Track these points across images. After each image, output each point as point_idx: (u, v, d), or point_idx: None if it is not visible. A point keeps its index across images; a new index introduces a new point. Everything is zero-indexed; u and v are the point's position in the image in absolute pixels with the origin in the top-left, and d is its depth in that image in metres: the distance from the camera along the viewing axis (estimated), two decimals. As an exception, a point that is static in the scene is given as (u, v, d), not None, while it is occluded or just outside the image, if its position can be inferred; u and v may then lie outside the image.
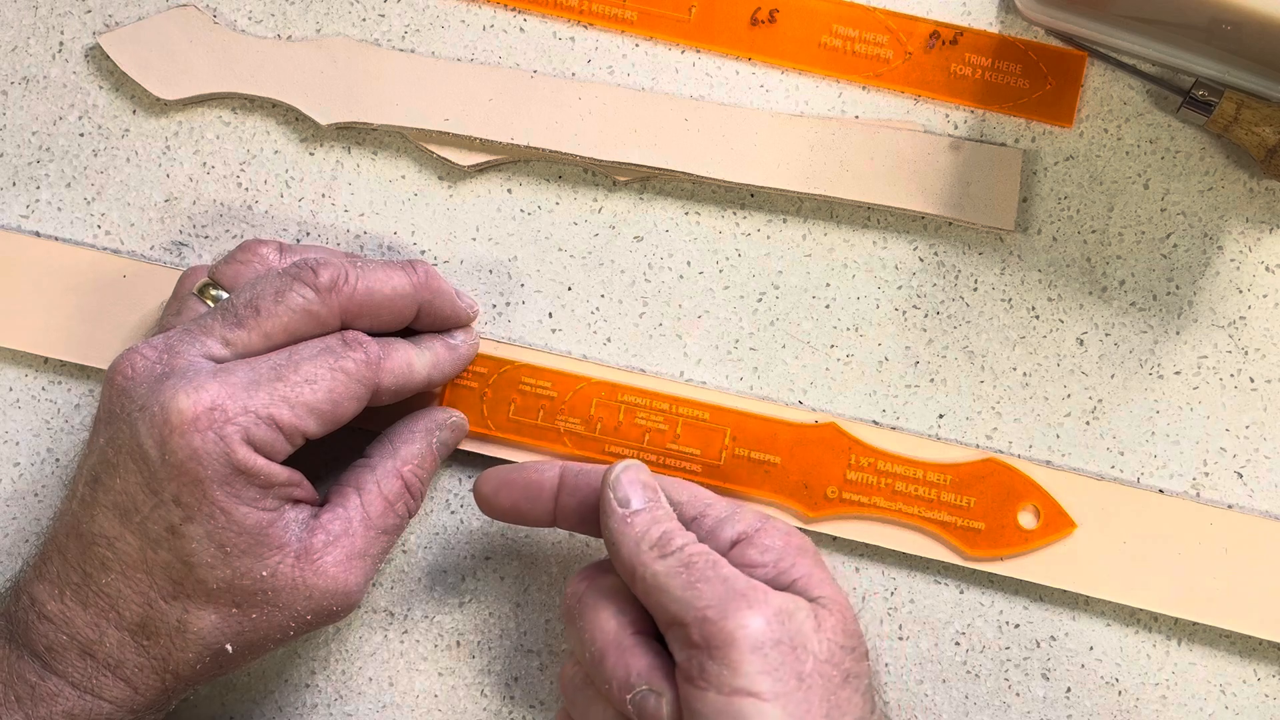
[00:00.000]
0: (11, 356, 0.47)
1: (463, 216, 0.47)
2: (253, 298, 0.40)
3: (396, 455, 0.43)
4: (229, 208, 0.47)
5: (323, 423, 0.40)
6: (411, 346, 0.43)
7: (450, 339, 0.44)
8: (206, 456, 0.37)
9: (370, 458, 0.43)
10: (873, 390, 0.47)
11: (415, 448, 0.43)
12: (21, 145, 0.47)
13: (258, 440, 0.38)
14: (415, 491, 0.43)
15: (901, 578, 0.46)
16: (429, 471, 0.43)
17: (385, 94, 0.46)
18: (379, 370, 0.41)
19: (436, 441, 0.43)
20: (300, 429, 0.39)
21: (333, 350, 0.40)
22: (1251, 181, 0.47)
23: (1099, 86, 0.47)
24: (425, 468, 0.43)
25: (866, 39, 0.47)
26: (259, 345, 0.40)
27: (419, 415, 0.44)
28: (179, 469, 0.37)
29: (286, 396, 0.39)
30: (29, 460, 0.47)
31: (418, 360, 0.42)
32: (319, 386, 0.39)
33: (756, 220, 0.47)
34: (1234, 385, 0.47)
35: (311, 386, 0.39)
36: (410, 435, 0.43)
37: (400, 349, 0.42)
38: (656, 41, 0.47)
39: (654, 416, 0.45)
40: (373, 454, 0.43)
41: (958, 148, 0.46)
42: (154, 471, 0.38)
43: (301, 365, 0.39)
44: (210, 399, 0.38)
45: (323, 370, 0.39)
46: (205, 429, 0.37)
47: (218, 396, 0.38)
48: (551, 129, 0.46)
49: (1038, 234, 0.47)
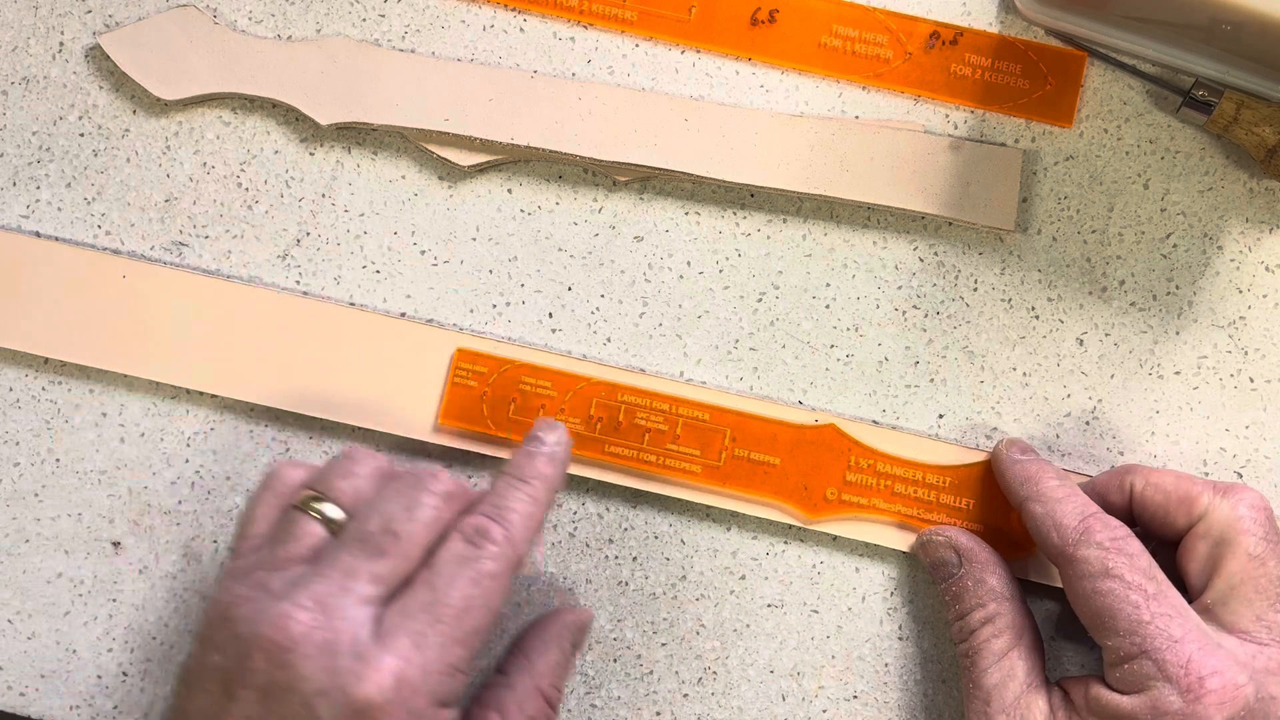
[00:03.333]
0: (11, 356, 0.47)
1: (463, 216, 0.47)
2: (386, 521, 0.39)
3: (533, 670, 0.42)
4: (229, 208, 0.47)
5: (490, 633, 0.39)
6: (514, 486, 0.41)
7: (537, 447, 0.42)
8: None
9: (507, 675, 0.42)
10: (873, 390, 0.47)
11: (551, 658, 0.43)
12: (21, 145, 0.47)
13: (444, 695, 0.38)
14: (555, 703, 0.43)
15: (901, 578, 0.46)
16: (565, 678, 0.44)
17: (385, 94, 0.46)
18: (516, 547, 0.40)
19: (570, 646, 0.44)
20: (473, 657, 0.38)
21: (469, 559, 0.39)
22: (1251, 181, 0.47)
23: (1099, 86, 0.47)
24: (562, 676, 0.43)
25: (866, 39, 0.47)
26: (404, 571, 0.39)
27: (549, 621, 0.44)
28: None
29: (455, 637, 0.38)
30: (29, 460, 0.47)
31: (534, 505, 0.41)
32: (475, 607, 0.38)
33: (756, 220, 0.47)
34: (1234, 385, 0.47)
35: (470, 613, 0.38)
36: (544, 646, 0.43)
37: (513, 503, 0.40)
38: (656, 41, 0.47)
39: (654, 416, 0.45)
40: (509, 671, 0.43)
41: (958, 148, 0.46)
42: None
43: (451, 593, 0.38)
44: (393, 677, 0.36)
45: (471, 589, 0.38)
46: (397, 710, 0.36)
47: (400, 670, 0.36)
48: (551, 129, 0.46)
49: (1038, 234, 0.47)
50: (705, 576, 0.46)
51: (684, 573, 0.46)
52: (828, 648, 0.46)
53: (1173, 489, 0.42)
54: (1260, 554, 0.40)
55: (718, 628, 0.46)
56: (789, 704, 0.46)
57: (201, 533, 0.46)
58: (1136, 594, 0.39)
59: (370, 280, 0.47)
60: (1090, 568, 0.40)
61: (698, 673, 0.46)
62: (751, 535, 0.46)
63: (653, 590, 0.46)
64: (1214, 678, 0.38)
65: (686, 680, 0.46)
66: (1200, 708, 0.38)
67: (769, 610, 0.46)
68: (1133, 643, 0.39)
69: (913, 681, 0.46)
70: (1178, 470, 0.44)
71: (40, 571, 0.46)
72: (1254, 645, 0.40)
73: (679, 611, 0.46)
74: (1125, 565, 0.40)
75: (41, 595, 0.46)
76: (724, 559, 0.46)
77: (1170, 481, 0.42)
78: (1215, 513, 0.41)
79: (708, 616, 0.46)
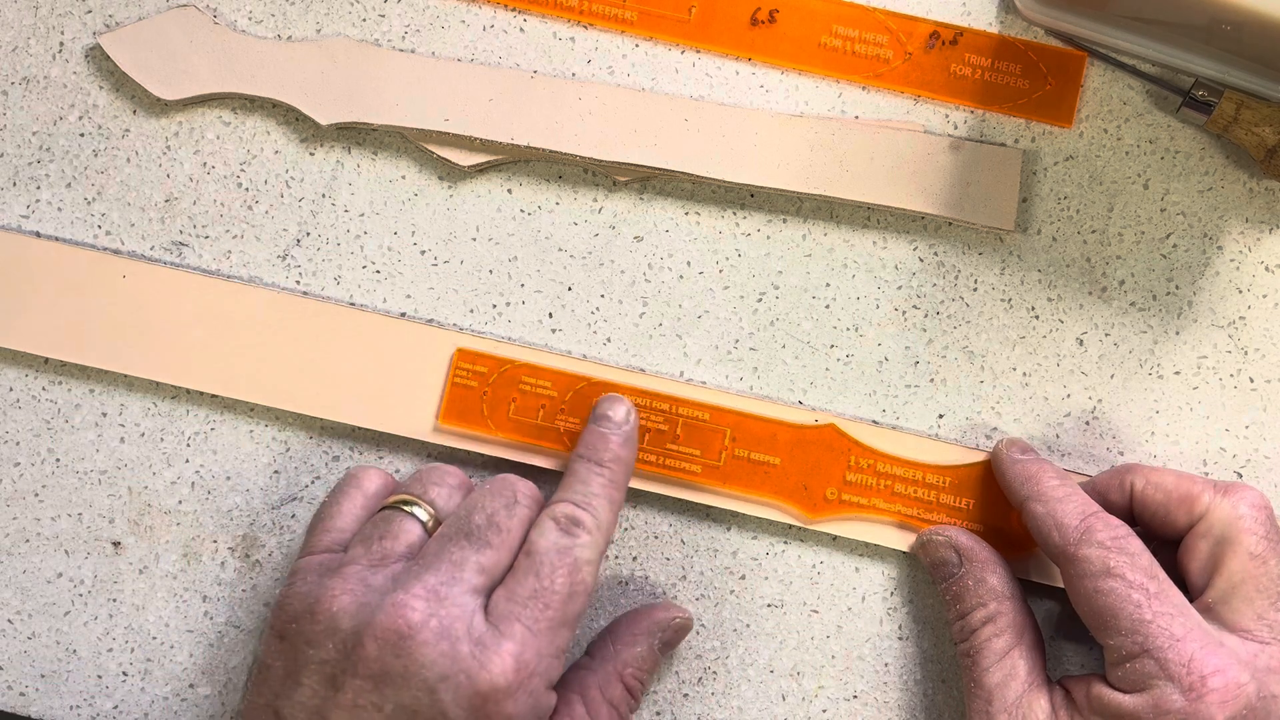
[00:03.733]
0: (11, 356, 0.47)
1: (463, 216, 0.47)
2: (490, 516, 0.41)
3: (618, 658, 0.43)
4: (229, 208, 0.47)
5: (585, 615, 0.41)
6: (594, 473, 0.43)
7: (611, 428, 0.44)
8: (520, 716, 0.38)
9: (592, 658, 0.44)
10: (873, 390, 0.47)
11: (637, 650, 0.44)
12: (22, 145, 0.47)
13: (552, 677, 0.39)
14: (636, 694, 0.43)
15: (901, 578, 0.46)
16: (650, 673, 0.44)
17: (385, 94, 0.46)
18: (605, 532, 0.41)
19: (659, 643, 0.44)
20: (572, 640, 0.40)
21: (566, 548, 0.40)
22: (1251, 181, 0.47)
23: (1099, 86, 0.47)
24: (646, 670, 0.44)
25: (866, 39, 0.47)
26: (506, 561, 0.40)
27: (642, 615, 0.45)
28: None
29: (561, 620, 0.39)
30: (29, 460, 0.47)
31: (615, 490, 0.43)
32: (577, 593, 0.40)
33: (756, 220, 0.47)
34: (1234, 385, 0.47)
35: (573, 598, 0.40)
36: (632, 638, 0.44)
37: (596, 489, 0.42)
38: (656, 41, 0.47)
39: (654, 416, 0.45)
40: (595, 655, 0.44)
41: (958, 148, 0.46)
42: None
43: (555, 580, 0.40)
44: (514, 661, 0.38)
45: (572, 576, 0.40)
46: (518, 693, 0.38)
47: (519, 654, 0.38)
48: (551, 129, 0.46)
49: (1037, 234, 0.47)
50: (705, 576, 0.46)
51: (684, 573, 0.46)
52: (828, 648, 0.46)
53: (1173, 488, 0.42)
54: (1261, 553, 0.40)
55: (718, 628, 0.46)
56: (789, 704, 0.46)
57: (201, 533, 0.46)
58: (1138, 593, 0.39)
59: (370, 280, 0.47)
60: (1092, 567, 0.40)
61: (698, 673, 0.46)
62: (751, 535, 0.46)
63: (653, 590, 0.46)
64: (1216, 676, 0.38)
65: (686, 680, 0.46)
66: (1202, 706, 0.38)
67: (769, 610, 0.46)
68: (1134, 642, 0.39)
69: (913, 681, 0.46)
70: (1178, 470, 0.44)
71: (40, 571, 0.46)
72: (1255, 644, 0.40)
73: (679, 611, 0.46)
74: (1127, 564, 0.40)
75: (41, 595, 0.46)
76: (724, 559, 0.46)
77: (1171, 481, 0.42)
78: (1216, 512, 0.41)
79: (708, 616, 0.46)
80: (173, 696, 0.46)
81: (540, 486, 0.45)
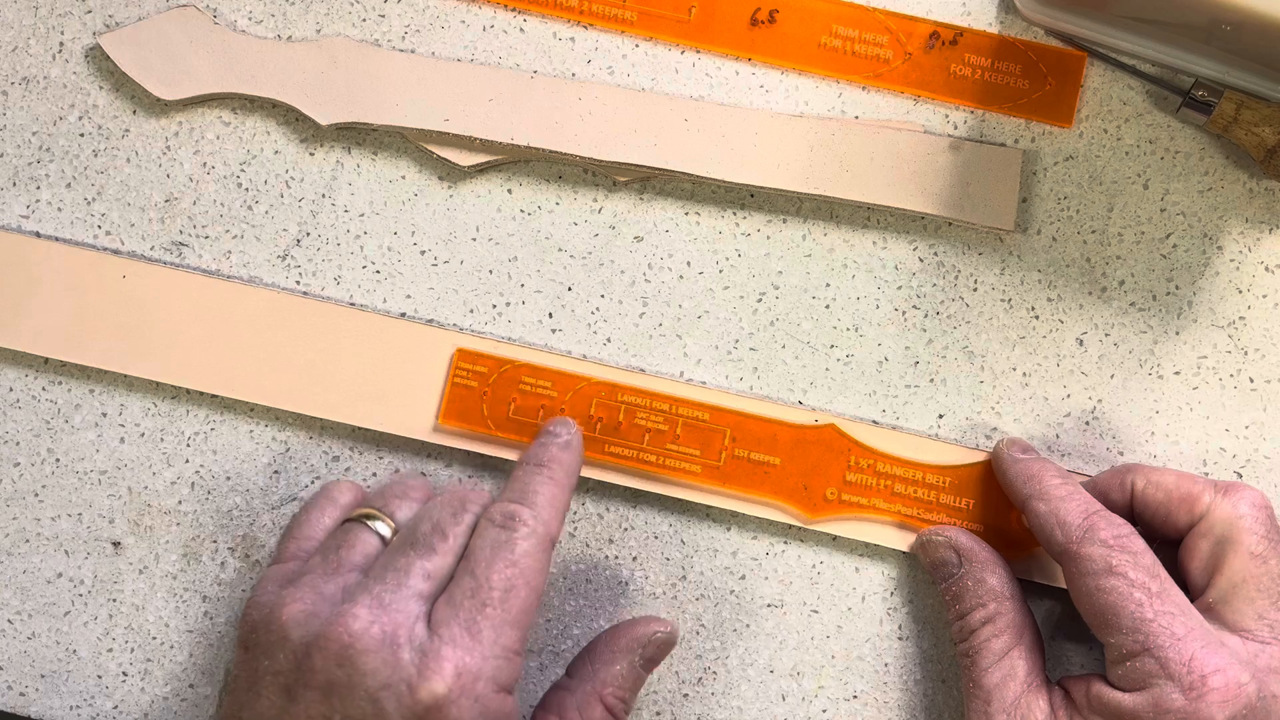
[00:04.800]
0: (11, 356, 0.47)
1: (463, 216, 0.47)
2: (436, 523, 0.40)
3: (596, 677, 0.42)
4: (229, 208, 0.47)
5: (536, 609, 0.40)
6: (532, 473, 0.42)
7: (550, 438, 0.43)
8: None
9: (571, 678, 0.43)
10: (872, 390, 0.47)
11: (616, 668, 0.43)
12: (22, 145, 0.47)
13: (504, 679, 0.38)
14: (618, 713, 0.42)
15: (901, 578, 0.46)
16: (632, 692, 0.43)
17: (385, 94, 0.46)
18: (546, 525, 0.40)
19: (640, 660, 0.43)
20: (525, 638, 0.39)
21: (502, 543, 0.39)
22: (1251, 182, 0.47)
23: (1099, 86, 0.47)
24: (627, 689, 0.43)
25: (866, 39, 0.47)
26: (450, 566, 0.40)
27: (621, 631, 0.44)
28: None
29: (504, 619, 0.38)
30: (29, 460, 0.47)
31: (555, 487, 0.42)
32: (517, 586, 0.39)
33: (756, 220, 0.47)
34: (1234, 385, 0.47)
35: (513, 592, 0.39)
36: (611, 655, 0.43)
37: (535, 485, 0.41)
38: (656, 42, 0.47)
39: (654, 417, 0.45)
40: (574, 674, 0.43)
41: (958, 148, 0.46)
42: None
43: (492, 576, 0.39)
44: (454, 667, 0.37)
45: (510, 570, 0.39)
46: (461, 699, 0.37)
47: (458, 660, 0.37)
48: (551, 129, 0.46)
49: (1037, 234, 0.47)
50: (705, 576, 0.46)
51: (684, 573, 0.46)
52: (827, 648, 0.46)
53: (1174, 488, 0.42)
54: (1262, 552, 0.40)
55: (718, 628, 0.46)
56: (789, 704, 0.46)
57: (201, 533, 0.46)
58: (1140, 592, 0.39)
59: (370, 280, 0.47)
60: (1094, 565, 0.40)
61: (698, 673, 0.46)
62: (751, 535, 0.46)
63: (653, 590, 0.46)
64: (1216, 676, 0.38)
65: (686, 680, 0.46)
66: (1202, 705, 0.38)
67: (769, 610, 0.46)
68: (1135, 640, 0.39)
69: (913, 681, 0.46)
70: (1178, 470, 0.44)
71: (40, 571, 0.46)
72: (1256, 643, 0.40)
73: (679, 611, 0.46)
74: (1129, 563, 0.40)
75: (41, 595, 0.46)
76: (724, 559, 0.46)
77: (1171, 480, 0.42)
78: (1216, 511, 0.41)
79: (708, 616, 0.46)
80: (173, 696, 0.46)
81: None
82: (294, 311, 0.46)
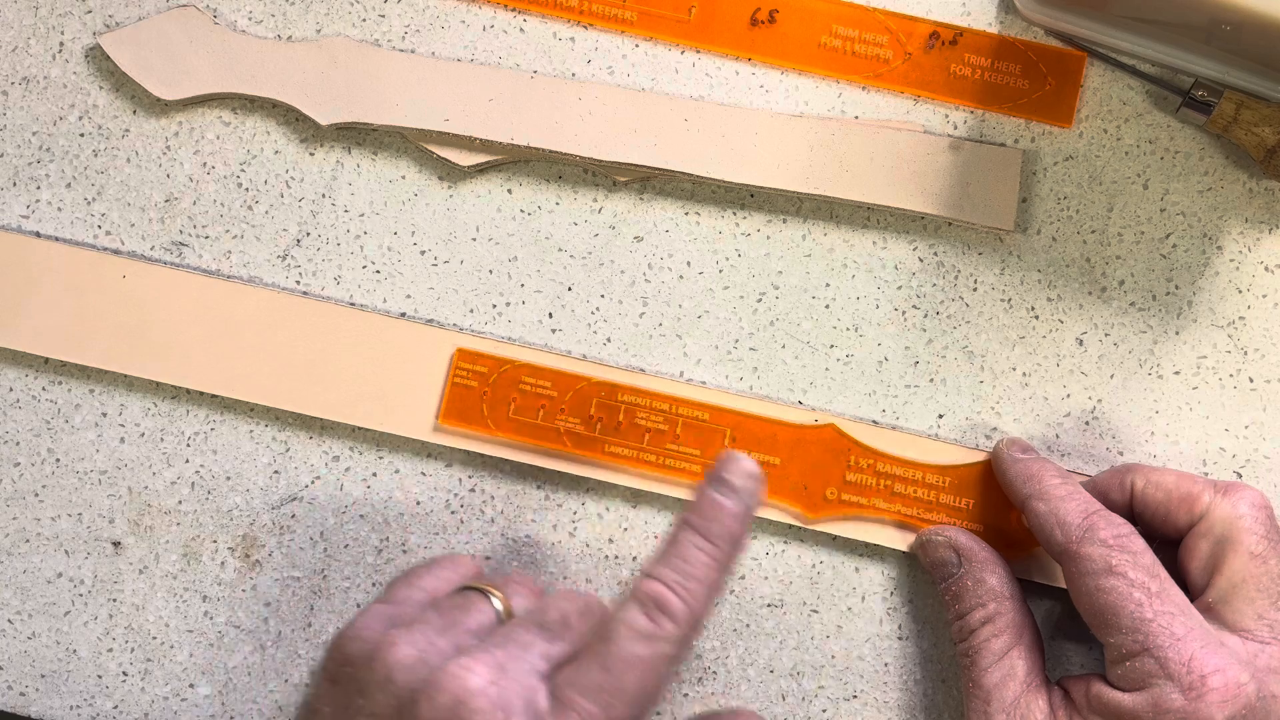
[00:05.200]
0: (11, 356, 0.47)
1: (463, 216, 0.47)
2: (563, 614, 0.38)
3: None
4: (229, 208, 0.47)
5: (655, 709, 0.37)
6: (699, 549, 0.37)
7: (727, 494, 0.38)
8: None
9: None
10: (872, 390, 0.47)
11: None
12: (22, 145, 0.47)
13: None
14: None
15: (901, 578, 0.46)
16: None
17: (385, 94, 0.46)
18: (696, 626, 0.37)
19: None
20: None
21: (645, 638, 0.36)
22: (1251, 181, 0.47)
23: (1099, 86, 0.47)
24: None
25: (866, 39, 0.47)
26: (569, 656, 0.37)
27: None
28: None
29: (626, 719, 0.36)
30: (29, 460, 0.47)
31: (716, 570, 0.37)
32: (649, 693, 0.36)
33: (756, 220, 0.47)
34: (1233, 385, 0.47)
35: (643, 699, 0.36)
36: None
37: (697, 570, 0.37)
38: (656, 42, 0.47)
39: (654, 417, 0.45)
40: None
41: (958, 148, 0.46)
42: None
43: (626, 679, 0.36)
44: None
45: (647, 676, 0.36)
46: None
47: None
48: (551, 129, 0.46)
49: (1037, 234, 0.47)
50: (705, 576, 0.46)
51: (684, 573, 0.46)
52: (827, 648, 0.46)
53: (1174, 488, 0.42)
54: (1261, 552, 0.40)
55: (718, 628, 0.46)
56: (789, 704, 0.46)
57: (201, 533, 0.46)
58: (1139, 591, 0.39)
59: (370, 280, 0.47)
60: (1094, 565, 0.40)
61: (698, 673, 0.46)
62: (751, 535, 0.46)
63: (653, 590, 0.46)
64: (1216, 676, 0.38)
65: (686, 680, 0.46)
66: (1202, 705, 0.38)
67: (769, 610, 0.46)
68: (1135, 640, 0.39)
69: (913, 681, 0.46)
70: (1178, 470, 0.44)
71: (40, 571, 0.46)
72: (1256, 643, 0.40)
73: (679, 611, 0.46)
74: (1129, 563, 0.40)
75: (41, 595, 0.46)
76: (724, 559, 0.46)
77: (1171, 480, 0.42)
78: (1216, 511, 0.41)
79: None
80: (173, 696, 0.46)
81: (539, 488, 0.45)
82: (294, 311, 0.46)
